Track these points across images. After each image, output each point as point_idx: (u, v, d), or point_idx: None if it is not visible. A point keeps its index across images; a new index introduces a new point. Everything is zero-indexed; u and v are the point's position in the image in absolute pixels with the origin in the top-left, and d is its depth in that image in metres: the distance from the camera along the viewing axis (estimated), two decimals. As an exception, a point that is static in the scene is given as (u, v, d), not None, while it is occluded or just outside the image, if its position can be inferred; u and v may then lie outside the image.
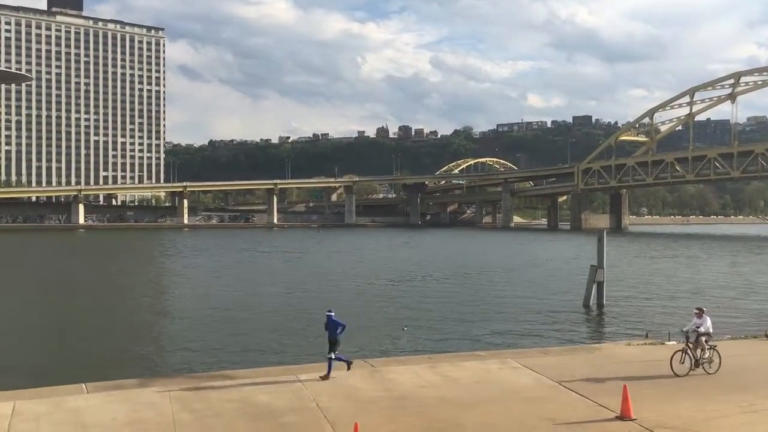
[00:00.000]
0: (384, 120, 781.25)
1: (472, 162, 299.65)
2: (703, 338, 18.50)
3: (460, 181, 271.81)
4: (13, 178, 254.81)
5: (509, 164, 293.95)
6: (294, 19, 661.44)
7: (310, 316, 35.83)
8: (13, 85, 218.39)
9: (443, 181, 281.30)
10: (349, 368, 18.42)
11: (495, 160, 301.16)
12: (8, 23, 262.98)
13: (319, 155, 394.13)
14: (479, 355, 22.22)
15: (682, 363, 18.29)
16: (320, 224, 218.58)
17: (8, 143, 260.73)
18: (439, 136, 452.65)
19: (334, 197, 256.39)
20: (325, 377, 17.73)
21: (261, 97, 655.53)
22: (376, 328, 33.41)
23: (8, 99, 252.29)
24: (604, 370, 19.19)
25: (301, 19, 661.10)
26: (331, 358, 17.93)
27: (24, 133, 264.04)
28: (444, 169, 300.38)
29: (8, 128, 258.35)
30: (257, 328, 33.71)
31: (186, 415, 14.77)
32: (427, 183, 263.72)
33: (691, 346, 18.41)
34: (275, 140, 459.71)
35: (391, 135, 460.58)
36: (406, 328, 32.51)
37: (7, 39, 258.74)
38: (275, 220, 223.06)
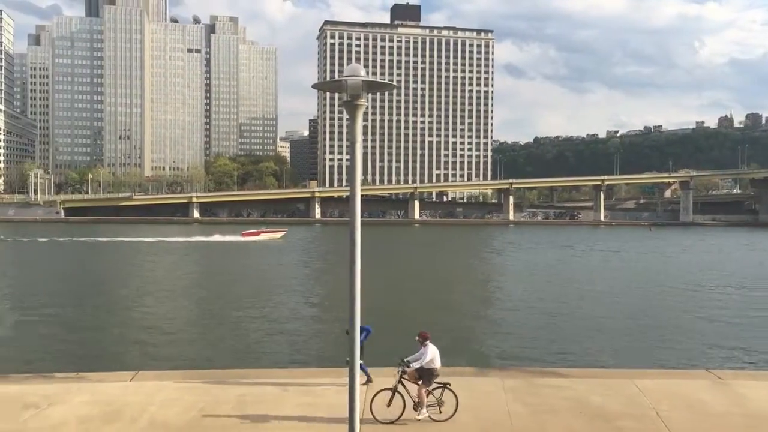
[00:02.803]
0: (727, 108, 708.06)
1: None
2: (418, 377, 13.92)
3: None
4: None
5: None
6: (623, 7, 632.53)
7: (646, 318, 34.02)
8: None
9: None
10: (370, 381, 15.94)
11: None
12: (358, 38, 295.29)
13: (651, 149, 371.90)
14: None
15: (389, 405, 13.77)
16: (651, 222, 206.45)
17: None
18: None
19: (667, 193, 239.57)
20: (368, 382, 15.93)
21: (586, 91, 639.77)
22: (719, 336, 30.48)
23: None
24: None
25: (632, 6, 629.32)
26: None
27: (369, 137, 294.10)
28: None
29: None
30: (586, 327, 33.02)
31: (520, 407, 15.04)
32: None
33: (405, 382, 14.02)
34: (602, 135, 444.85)
35: (735, 124, 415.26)
36: None
37: (357, 52, 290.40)
38: (602, 218, 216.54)
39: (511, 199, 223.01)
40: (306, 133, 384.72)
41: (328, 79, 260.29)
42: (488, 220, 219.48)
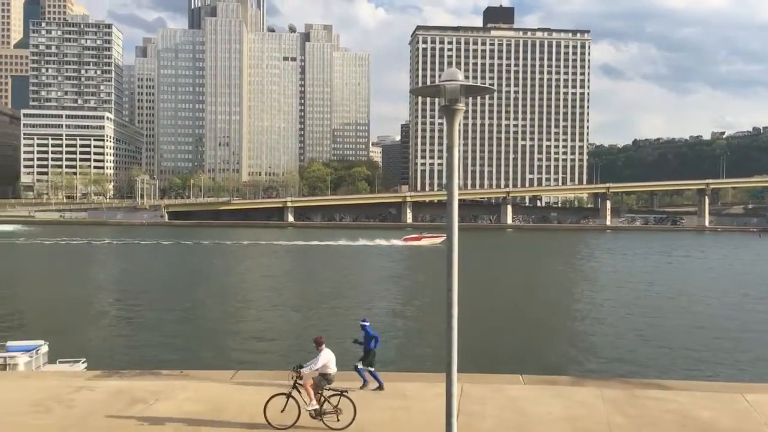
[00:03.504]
0: None
1: None
2: (310, 381, 13.81)
3: None
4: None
5: None
6: (728, 3, 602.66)
7: (754, 330, 32.21)
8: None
9: None
10: (382, 388, 16.13)
11: None
12: (450, 42, 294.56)
13: (760, 151, 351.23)
14: None
15: (282, 411, 13.58)
16: (761, 228, 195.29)
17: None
18: None
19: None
20: (379, 388, 16.15)
21: (689, 91, 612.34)
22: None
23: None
24: None
25: (737, 2, 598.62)
26: (370, 370, 16.27)
27: (462, 141, 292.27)
28: None
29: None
30: (688, 337, 31.61)
31: (620, 419, 14.54)
32: None
33: (300, 388, 13.79)
34: (706, 136, 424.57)
35: None
36: None
37: (449, 57, 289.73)
38: (707, 223, 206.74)
39: (609, 203, 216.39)
40: (398, 137, 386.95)
41: (420, 83, 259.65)
42: (584, 226, 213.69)
